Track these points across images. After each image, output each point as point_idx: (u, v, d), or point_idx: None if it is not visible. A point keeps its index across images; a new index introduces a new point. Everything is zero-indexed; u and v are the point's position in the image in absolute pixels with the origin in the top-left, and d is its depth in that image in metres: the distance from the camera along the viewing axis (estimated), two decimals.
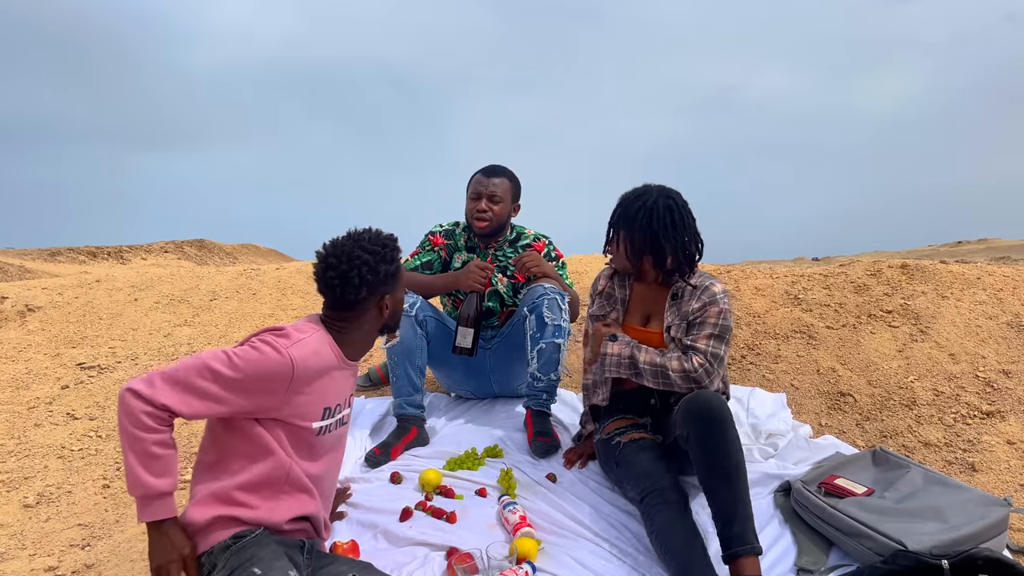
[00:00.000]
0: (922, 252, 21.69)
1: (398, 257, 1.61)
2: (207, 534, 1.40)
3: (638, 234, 1.94)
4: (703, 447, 1.65)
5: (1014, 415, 2.50)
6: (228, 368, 1.37)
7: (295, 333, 1.47)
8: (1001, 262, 7.81)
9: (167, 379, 1.35)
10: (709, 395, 1.72)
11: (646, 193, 1.96)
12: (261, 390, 1.40)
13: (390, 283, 1.58)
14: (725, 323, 1.90)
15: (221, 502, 1.42)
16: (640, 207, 1.93)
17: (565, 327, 2.37)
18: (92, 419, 2.85)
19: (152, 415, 1.33)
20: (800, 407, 2.70)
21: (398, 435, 2.38)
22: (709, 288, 1.93)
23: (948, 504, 1.68)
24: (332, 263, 1.52)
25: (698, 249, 1.98)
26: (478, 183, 2.55)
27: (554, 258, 2.67)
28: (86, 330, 3.75)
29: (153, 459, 1.33)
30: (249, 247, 22.23)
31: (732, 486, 1.59)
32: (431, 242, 2.65)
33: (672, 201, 1.94)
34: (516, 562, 1.66)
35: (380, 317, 1.61)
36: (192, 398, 1.35)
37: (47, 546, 2.01)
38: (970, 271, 3.48)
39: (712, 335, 1.89)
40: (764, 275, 3.83)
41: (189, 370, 1.37)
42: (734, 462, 1.62)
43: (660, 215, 1.91)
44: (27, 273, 11.33)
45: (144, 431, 1.32)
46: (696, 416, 1.68)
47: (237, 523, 1.41)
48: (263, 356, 1.39)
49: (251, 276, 4.52)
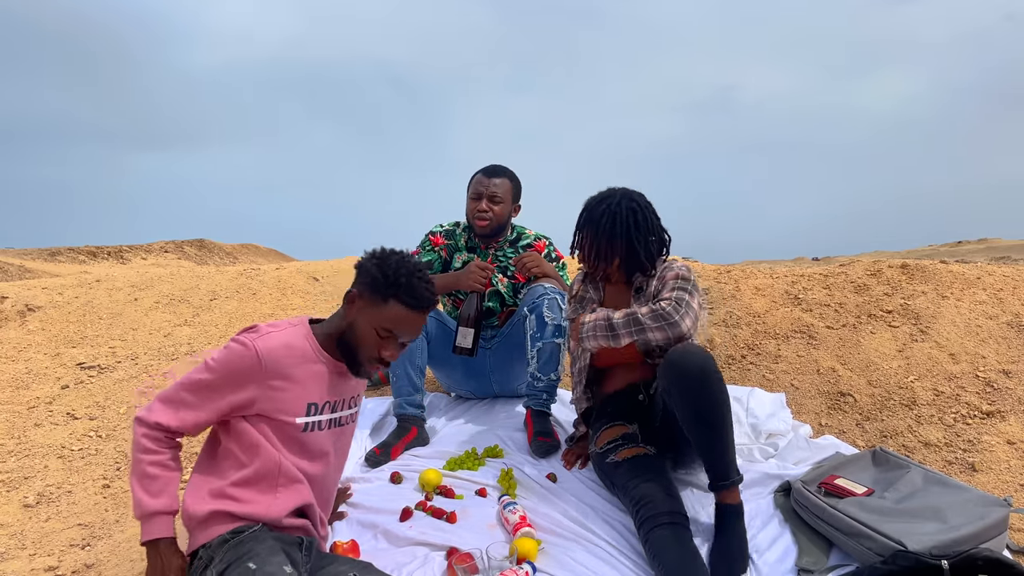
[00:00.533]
0: (922, 252, 21.70)
1: (389, 278, 1.47)
2: (205, 528, 1.41)
3: (603, 237, 2.00)
4: (687, 400, 1.74)
5: (1014, 415, 2.50)
6: (205, 373, 1.43)
7: (265, 328, 1.49)
8: (1001, 262, 7.81)
9: (162, 398, 1.44)
10: (688, 345, 1.81)
11: (610, 196, 2.03)
12: (234, 386, 1.43)
13: (366, 286, 1.49)
14: (684, 276, 1.95)
15: (218, 497, 1.43)
16: (604, 211, 2.00)
17: (565, 327, 2.37)
18: (92, 419, 2.85)
19: (149, 436, 1.40)
20: (800, 407, 2.70)
21: (398, 435, 2.38)
22: (668, 266, 2.02)
23: (948, 504, 1.68)
24: (385, 253, 1.53)
25: (662, 246, 2.06)
26: (479, 183, 2.56)
27: (554, 259, 2.67)
28: (86, 330, 3.75)
29: (149, 479, 1.39)
30: (249, 247, 22.24)
31: (715, 432, 1.72)
32: (431, 242, 2.65)
33: (635, 203, 2.01)
34: (516, 562, 1.66)
35: (345, 314, 1.52)
36: (180, 410, 1.42)
37: (47, 546, 2.01)
38: (970, 271, 3.48)
39: (674, 287, 1.93)
40: (764, 275, 3.83)
41: (177, 386, 1.44)
42: (720, 413, 1.71)
43: (623, 217, 1.99)
44: (27, 273, 11.33)
45: (142, 452, 1.40)
46: (677, 370, 1.74)
47: (235, 518, 1.42)
48: (230, 352, 1.44)
49: (251, 276, 4.52)
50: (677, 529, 1.66)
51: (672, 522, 1.67)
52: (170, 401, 1.43)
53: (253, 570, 1.30)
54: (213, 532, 1.40)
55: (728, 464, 1.72)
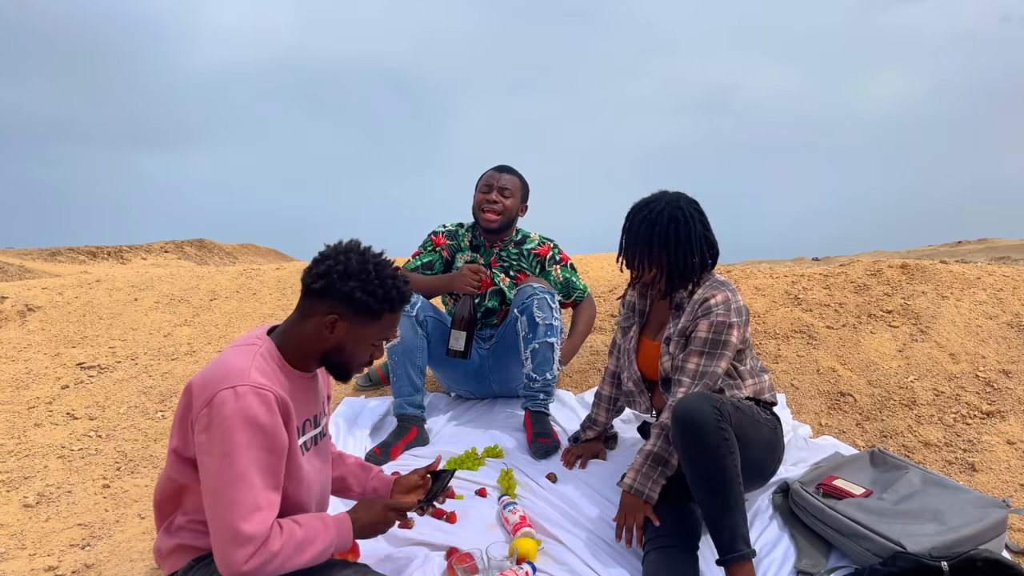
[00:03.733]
0: (922, 252, 21.69)
1: (380, 297, 1.36)
2: (170, 558, 1.37)
3: (639, 246, 1.87)
4: (685, 456, 1.63)
5: (1014, 415, 2.50)
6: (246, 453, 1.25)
7: (239, 373, 1.27)
8: (1001, 262, 7.81)
9: (235, 523, 1.22)
10: (690, 400, 1.65)
11: (654, 202, 1.88)
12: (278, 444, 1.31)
13: (351, 309, 1.35)
14: (715, 338, 1.80)
15: (183, 531, 1.36)
16: (644, 218, 1.86)
17: (557, 325, 2.37)
18: (92, 419, 2.85)
19: (264, 547, 1.23)
20: (800, 407, 2.70)
21: (398, 435, 2.38)
22: (707, 301, 1.84)
23: (947, 505, 1.68)
24: (329, 253, 1.39)
25: (705, 265, 1.89)
26: (490, 177, 2.57)
27: (559, 261, 2.67)
28: (86, 330, 3.75)
29: (307, 542, 1.29)
30: (249, 247, 22.24)
31: (715, 494, 1.57)
32: (433, 242, 2.66)
33: (679, 212, 1.85)
34: (516, 562, 1.66)
35: (320, 336, 1.37)
36: (264, 503, 1.25)
37: (47, 546, 2.01)
38: (970, 271, 3.48)
39: (700, 352, 1.81)
40: (764, 275, 3.83)
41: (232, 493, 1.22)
42: (718, 469, 1.57)
43: (663, 227, 1.83)
44: (27, 273, 11.33)
45: (285, 551, 1.25)
46: (675, 424, 1.64)
47: (198, 549, 1.35)
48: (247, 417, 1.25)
49: (251, 276, 4.52)
50: (672, 552, 1.63)
51: (670, 545, 1.64)
52: (247, 507, 1.21)
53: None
54: (180, 561, 1.35)
55: (734, 532, 1.54)
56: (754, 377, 1.92)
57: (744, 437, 1.66)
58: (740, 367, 1.90)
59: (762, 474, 1.91)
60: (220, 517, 1.21)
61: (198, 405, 1.25)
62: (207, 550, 1.32)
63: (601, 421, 2.25)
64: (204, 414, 1.23)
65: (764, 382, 1.94)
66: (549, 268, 2.65)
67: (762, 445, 1.81)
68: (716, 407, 1.62)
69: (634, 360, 2.05)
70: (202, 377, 1.29)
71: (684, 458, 1.64)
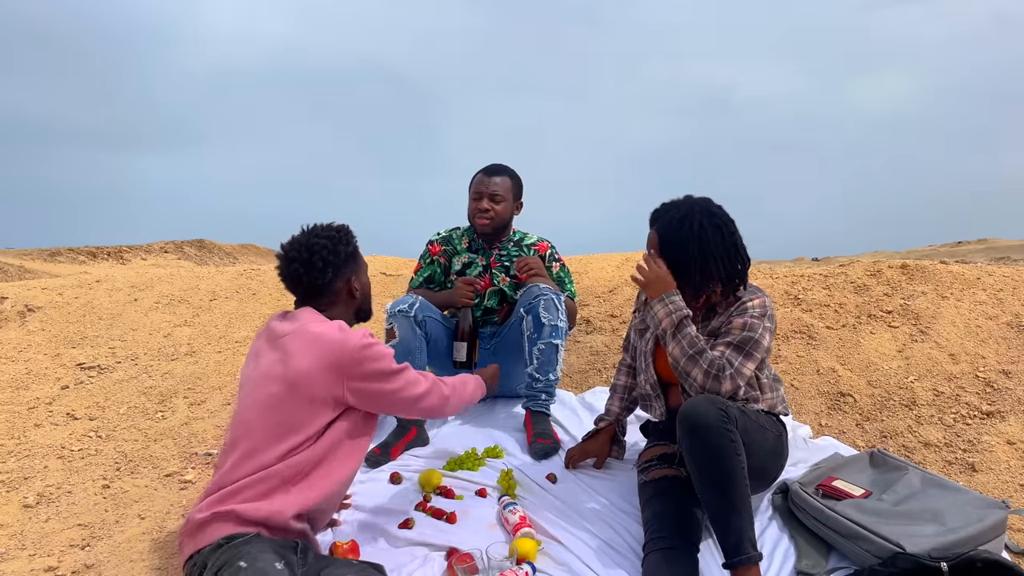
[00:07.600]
0: (922, 252, 21.70)
1: (353, 240, 1.70)
2: (206, 529, 1.41)
3: (668, 250, 1.84)
4: (691, 456, 1.63)
5: (1014, 415, 2.50)
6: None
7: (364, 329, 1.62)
8: (1001, 262, 7.81)
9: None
10: (697, 402, 1.64)
11: (687, 210, 1.84)
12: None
13: (351, 264, 1.68)
14: (748, 335, 1.77)
15: (223, 501, 1.42)
16: (671, 221, 1.84)
17: (562, 327, 2.38)
18: (92, 419, 2.85)
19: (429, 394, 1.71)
20: (800, 407, 2.70)
21: (398, 435, 2.38)
22: (744, 303, 1.83)
23: (946, 506, 1.68)
24: (293, 256, 1.61)
25: (733, 276, 1.85)
26: (479, 183, 2.57)
27: (556, 259, 2.68)
28: (86, 330, 3.75)
29: (461, 383, 1.82)
30: (249, 247, 22.24)
31: (722, 496, 1.56)
32: (429, 252, 2.69)
33: (716, 220, 1.82)
34: (516, 562, 1.66)
35: (352, 300, 1.70)
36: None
37: (47, 546, 2.01)
38: (970, 271, 3.48)
39: (730, 343, 1.77)
40: (764, 275, 3.83)
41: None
42: (724, 470, 1.57)
43: (695, 235, 1.80)
44: (27, 273, 11.34)
45: (446, 393, 1.73)
46: (681, 425, 1.63)
47: (242, 522, 1.41)
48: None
49: (251, 276, 4.52)
50: (671, 554, 1.61)
51: (669, 547, 1.62)
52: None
53: (244, 568, 1.29)
54: (205, 538, 1.39)
55: (741, 535, 1.53)
56: (772, 392, 1.91)
57: (749, 442, 1.65)
58: (761, 378, 1.89)
59: (764, 480, 1.91)
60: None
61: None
62: (246, 531, 1.40)
63: (614, 411, 2.23)
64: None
65: (779, 395, 1.94)
66: (548, 264, 2.66)
67: (767, 451, 1.81)
68: (722, 409, 1.62)
69: (651, 363, 2.02)
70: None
71: (690, 459, 1.63)
